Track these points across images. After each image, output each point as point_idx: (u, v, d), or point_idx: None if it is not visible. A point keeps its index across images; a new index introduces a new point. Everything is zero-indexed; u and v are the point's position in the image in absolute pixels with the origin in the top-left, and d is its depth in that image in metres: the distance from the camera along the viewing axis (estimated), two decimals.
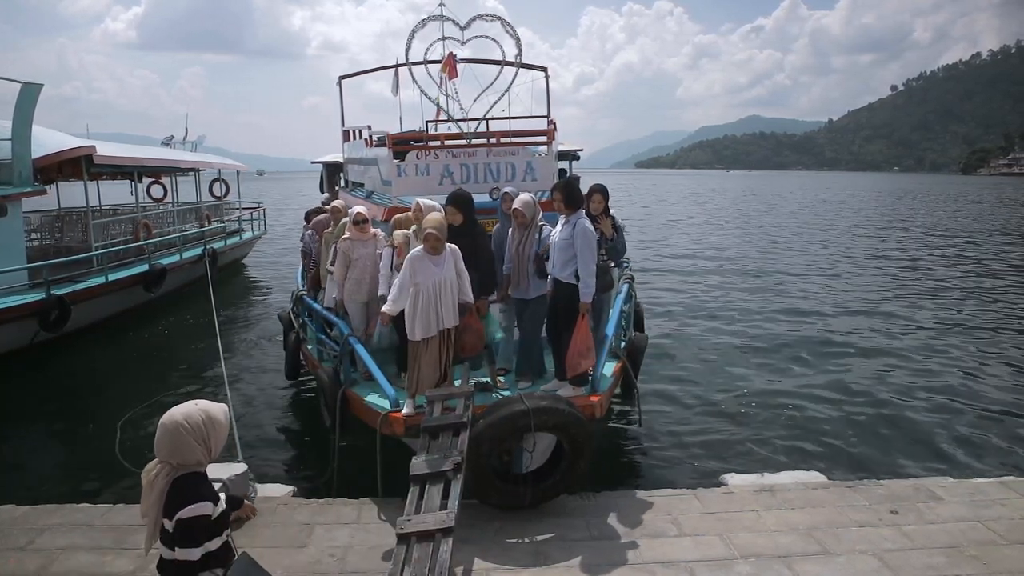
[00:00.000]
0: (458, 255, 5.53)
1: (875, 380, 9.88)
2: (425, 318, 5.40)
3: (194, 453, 2.61)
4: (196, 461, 2.63)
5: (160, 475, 2.58)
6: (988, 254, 24.62)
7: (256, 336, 12.74)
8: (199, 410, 2.67)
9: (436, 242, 5.32)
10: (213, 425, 2.66)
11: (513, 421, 4.90)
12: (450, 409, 5.17)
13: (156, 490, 2.57)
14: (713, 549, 4.67)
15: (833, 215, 44.69)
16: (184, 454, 2.60)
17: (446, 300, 5.42)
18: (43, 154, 12.07)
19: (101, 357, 11.53)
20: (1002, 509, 5.21)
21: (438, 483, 4.43)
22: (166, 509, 2.56)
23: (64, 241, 15.21)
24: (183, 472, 2.60)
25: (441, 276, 5.38)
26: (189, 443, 2.59)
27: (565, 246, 5.54)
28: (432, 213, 5.58)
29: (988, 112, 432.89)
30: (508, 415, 4.92)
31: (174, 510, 2.54)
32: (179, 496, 2.55)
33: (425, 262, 5.38)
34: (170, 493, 2.57)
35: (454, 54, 8.37)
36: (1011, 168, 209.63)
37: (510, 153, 7.65)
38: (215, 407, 2.72)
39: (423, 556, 3.81)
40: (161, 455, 2.61)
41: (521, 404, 4.95)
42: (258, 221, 22.83)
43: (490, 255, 6.15)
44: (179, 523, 2.53)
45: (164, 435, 2.60)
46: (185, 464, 2.61)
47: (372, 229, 6.83)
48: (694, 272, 20.16)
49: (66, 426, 8.56)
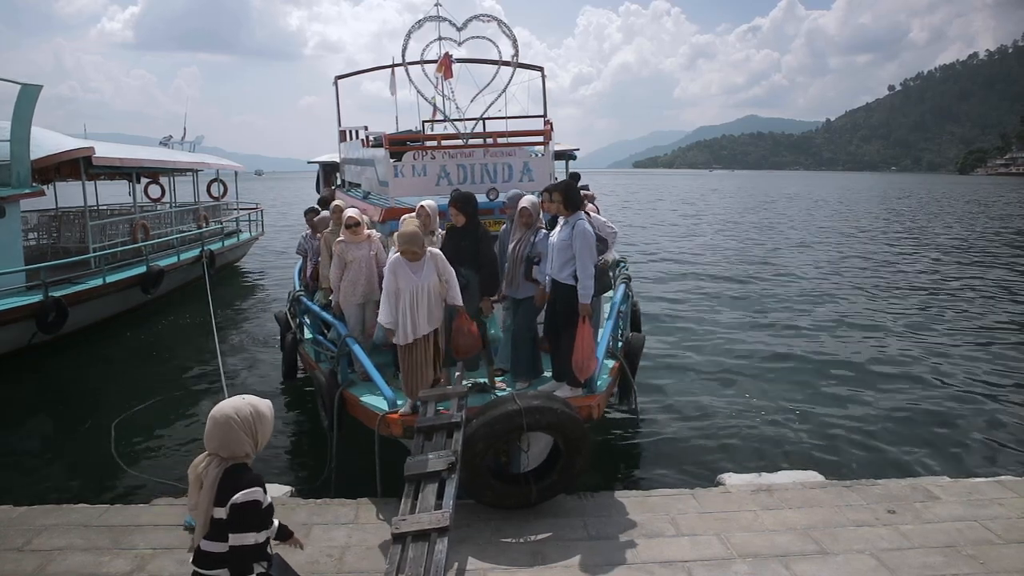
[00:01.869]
0: (439, 259, 5.51)
1: (871, 380, 9.89)
2: (404, 323, 5.40)
3: (243, 446, 2.71)
4: (244, 453, 2.73)
5: (211, 466, 2.67)
6: (983, 253, 24.67)
7: (254, 337, 12.73)
8: (247, 404, 2.78)
9: (411, 253, 5.32)
10: (260, 419, 2.78)
11: (506, 420, 4.90)
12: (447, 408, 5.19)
13: (208, 481, 2.65)
14: (711, 549, 4.67)
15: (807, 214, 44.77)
16: (233, 447, 2.69)
17: (422, 307, 5.39)
18: (41, 155, 12.04)
19: (99, 358, 11.51)
20: (999, 508, 5.22)
21: (433, 483, 4.44)
22: (218, 499, 2.64)
23: (62, 242, 15.20)
24: (232, 463, 2.70)
25: (419, 282, 5.37)
26: (239, 436, 2.69)
27: (564, 247, 5.53)
28: (406, 224, 5.51)
29: (985, 112, 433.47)
30: (501, 415, 4.92)
31: (227, 497, 2.62)
32: (231, 484, 2.64)
33: (404, 268, 5.38)
34: (221, 484, 2.65)
35: (450, 54, 8.36)
36: (1008, 168, 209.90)
37: (507, 154, 7.64)
38: (262, 402, 2.84)
39: (419, 556, 3.81)
40: (211, 447, 2.71)
41: (514, 404, 4.95)
42: (256, 222, 22.82)
43: (493, 256, 6.13)
44: (234, 508, 2.60)
45: (215, 428, 2.70)
46: (235, 456, 2.71)
47: (367, 231, 6.82)
48: (688, 273, 20.16)
49: (63, 427, 8.56)
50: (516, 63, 8.03)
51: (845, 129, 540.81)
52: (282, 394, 9.24)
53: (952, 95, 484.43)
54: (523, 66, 8.22)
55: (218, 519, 2.64)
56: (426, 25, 8.01)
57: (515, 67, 8.06)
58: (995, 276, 19.44)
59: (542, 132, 7.77)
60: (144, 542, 4.77)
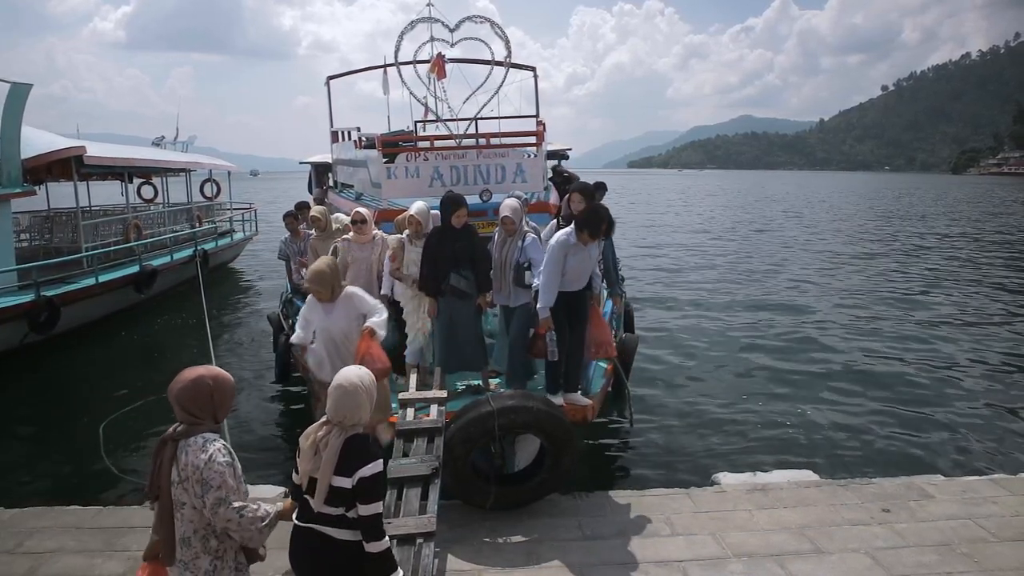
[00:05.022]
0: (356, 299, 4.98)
1: (866, 379, 9.92)
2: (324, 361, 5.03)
3: (365, 411, 2.81)
4: (362, 420, 2.82)
5: (332, 436, 2.75)
6: (979, 253, 24.76)
7: (247, 337, 12.68)
8: (365, 372, 2.91)
9: (318, 292, 4.92)
10: (375, 387, 2.91)
11: (481, 423, 4.87)
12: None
13: (330, 451, 2.71)
14: (706, 548, 4.67)
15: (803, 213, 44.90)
16: (360, 413, 2.79)
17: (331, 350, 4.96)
18: (32, 155, 11.97)
19: (91, 358, 11.46)
20: (993, 507, 5.24)
21: (416, 486, 4.42)
22: (340, 468, 2.71)
23: (54, 242, 15.10)
24: (351, 433, 2.78)
25: (328, 323, 4.94)
26: (363, 402, 2.80)
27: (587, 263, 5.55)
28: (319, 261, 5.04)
29: (977, 112, 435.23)
30: (476, 416, 4.90)
31: (352, 469, 2.70)
32: (356, 455, 2.72)
33: (316, 307, 4.99)
34: (343, 454, 2.72)
35: (443, 55, 8.34)
36: (1000, 168, 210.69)
37: (500, 155, 7.63)
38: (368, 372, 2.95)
39: (404, 560, 3.80)
40: (337, 416, 2.77)
41: (488, 405, 4.93)
42: (250, 222, 22.75)
43: (487, 254, 6.09)
44: (362, 480, 2.69)
45: (344, 396, 2.78)
46: (356, 424, 2.80)
47: (374, 230, 6.61)
48: (681, 271, 20.20)
49: (56, 428, 8.50)
50: (509, 63, 8.02)
51: (839, 129, 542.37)
52: (276, 395, 9.21)
53: (945, 95, 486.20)
54: (515, 66, 8.22)
55: (337, 487, 2.70)
56: (419, 26, 7.99)
57: (508, 67, 8.05)
58: (989, 276, 19.51)
59: (535, 133, 7.76)
60: (137, 544, 4.72)
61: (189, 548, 2.66)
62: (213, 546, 2.70)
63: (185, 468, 2.60)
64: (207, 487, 2.58)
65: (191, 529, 2.66)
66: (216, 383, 2.70)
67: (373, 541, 2.73)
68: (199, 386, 2.67)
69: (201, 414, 2.68)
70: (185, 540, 2.66)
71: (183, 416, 2.67)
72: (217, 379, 2.72)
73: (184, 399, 2.66)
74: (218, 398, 2.72)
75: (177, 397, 2.66)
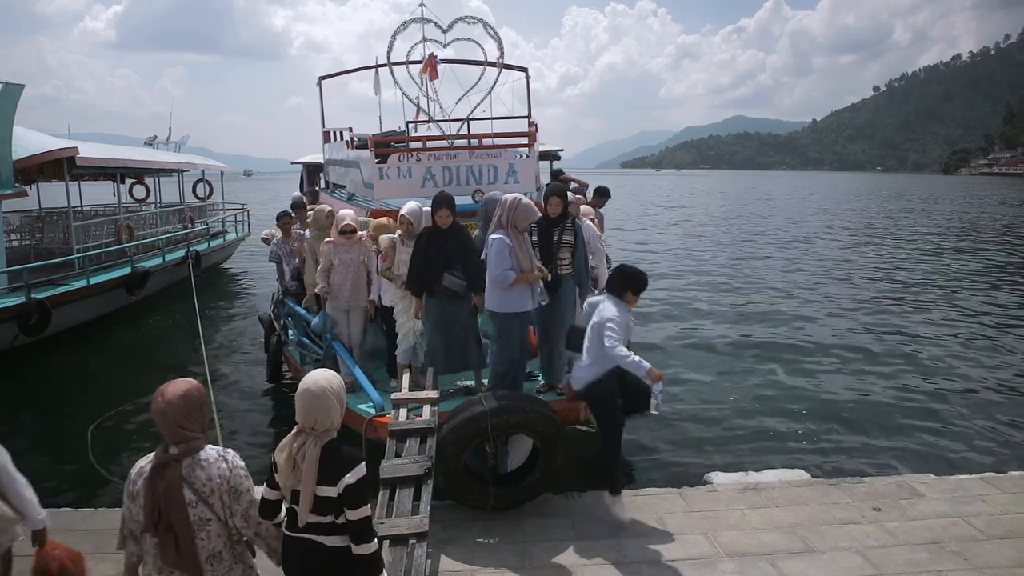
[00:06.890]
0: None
1: (858, 378, 9.97)
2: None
3: (336, 415, 2.72)
4: (334, 424, 2.73)
5: (308, 446, 2.66)
6: (972, 251, 24.87)
7: (239, 338, 12.63)
8: (331, 374, 2.79)
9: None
10: (343, 390, 2.79)
11: (475, 423, 4.88)
12: None
13: (309, 461, 2.63)
14: (698, 548, 4.69)
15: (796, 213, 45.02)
16: (330, 417, 2.69)
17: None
18: (24, 155, 11.91)
19: (83, 360, 11.39)
20: (983, 505, 5.27)
21: (408, 487, 4.41)
22: (322, 477, 2.64)
23: (45, 243, 15.04)
24: (326, 440, 2.69)
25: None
26: (333, 405, 2.69)
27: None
28: None
29: (968, 113, 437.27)
30: (469, 417, 4.91)
31: (335, 478, 2.64)
32: (336, 464, 2.66)
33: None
34: (323, 462, 2.65)
35: (435, 55, 8.33)
36: (991, 168, 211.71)
37: (492, 155, 7.62)
38: (335, 375, 2.85)
39: (397, 560, 3.80)
40: (308, 422, 2.68)
41: (481, 405, 4.94)
42: (242, 223, 22.66)
43: (478, 253, 6.09)
44: (348, 488, 2.64)
45: (313, 401, 2.67)
46: (328, 429, 2.70)
47: (359, 232, 6.62)
48: (673, 273, 20.21)
49: (47, 430, 8.46)
50: (501, 64, 8.01)
51: (831, 129, 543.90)
52: (267, 396, 9.18)
53: (936, 96, 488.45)
54: (507, 67, 8.22)
55: (323, 497, 2.64)
56: (411, 26, 7.98)
57: (500, 68, 8.04)
58: (982, 275, 19.60)
59: (527, 134, 7.76)
60: None
61: (221, 562, 2.64)
62: (239, 552, 2.72)
63: (207, 483, 2.57)
64: (237, 494, 2.60)
65: (220, 543, 2.63)
66: (200, 393, 2.66)
67: (363, 544, 2.71)
68: (189, 400, 2.60)
69: (196, 428, 2.63)
70: (216, 555, 2.62)
71: (177, 434, 2.58)
72: (200, 389, 2.67)
73: (178, 416, 2.57)
74: (205, 409, 2.69)
75: (169, 415, 2.57)
